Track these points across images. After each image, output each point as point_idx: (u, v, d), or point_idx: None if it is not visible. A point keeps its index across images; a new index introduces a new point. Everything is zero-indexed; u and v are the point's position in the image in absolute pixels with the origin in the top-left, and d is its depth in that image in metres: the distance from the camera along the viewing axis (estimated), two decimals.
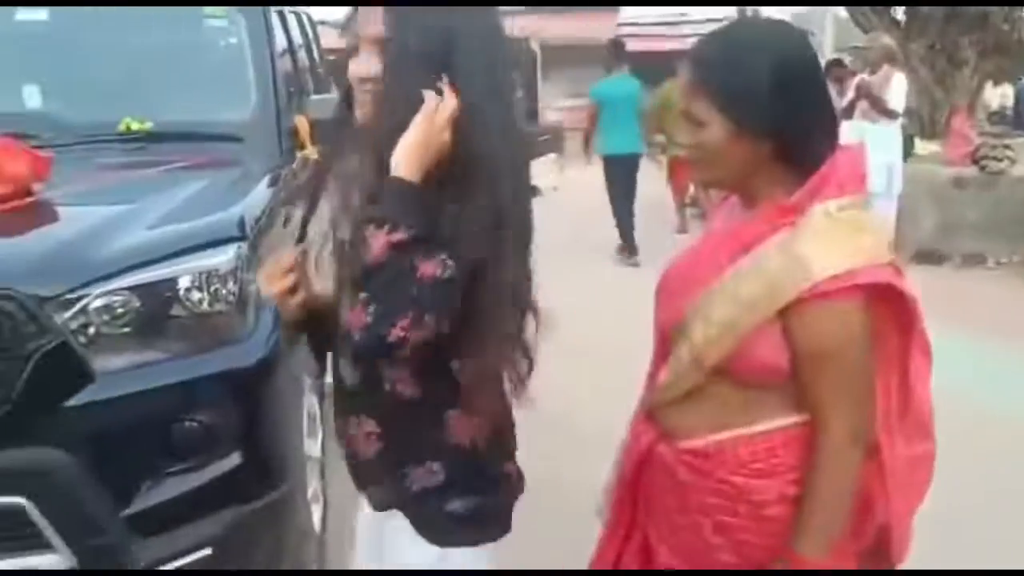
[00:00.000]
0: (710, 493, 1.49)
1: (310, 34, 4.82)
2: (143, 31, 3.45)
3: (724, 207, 1.61)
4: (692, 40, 1.62)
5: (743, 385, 1.44)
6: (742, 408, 1.45)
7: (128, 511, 2.12)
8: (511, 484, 1.53)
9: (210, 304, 2.25)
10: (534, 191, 6.16)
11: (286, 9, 4.86)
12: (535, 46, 19.53)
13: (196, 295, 2.23)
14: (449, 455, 1.43)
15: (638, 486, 1.64)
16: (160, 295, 2.19)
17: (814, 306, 1.34)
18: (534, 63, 19.48)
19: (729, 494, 1.47)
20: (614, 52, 8.28)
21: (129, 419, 2.14)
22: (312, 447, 2.90)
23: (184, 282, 2.22)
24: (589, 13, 19.82)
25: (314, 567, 2.72)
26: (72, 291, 2.08)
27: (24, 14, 3.35)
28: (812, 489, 1.41)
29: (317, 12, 5.44)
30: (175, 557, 2.17)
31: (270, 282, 1.51)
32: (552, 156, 13.98)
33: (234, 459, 2.25)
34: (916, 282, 1.45)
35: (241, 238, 2.39)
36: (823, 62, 14.26)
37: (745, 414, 1.45)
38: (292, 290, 1.50)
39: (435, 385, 1.40)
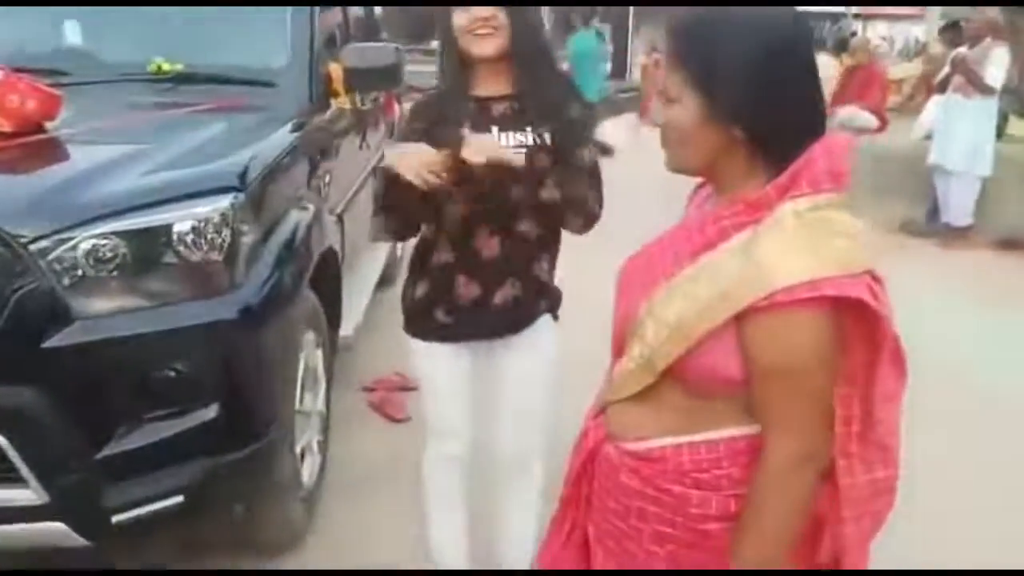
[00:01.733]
0: (649, 500, 1.41)
1: None
2: None
3: (701, 194, 1.49)
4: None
5: (694, 391, 1.34)
6: (690, 414, 1.36)
7: (102, 453, 2.15)
8: None
9: (199, 254, 2.24)
10: (607, 150, 6.16)
11: None
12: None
13: (185, 244, 2.22)
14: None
15: (582, 483, 1.57)
16: (148, 241, 2.19)
17: (770, 316, 1.21)
18: (625, 14, 19.00)
19: (668, 503, 1.39)
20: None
21: (108, 363, 2.15)
22: (311, 401, 2.90)
23: (173, 229, 2.20)
24: None
25: (299, 520, 2.74)
26: (59, 232, 2.08)
27: None
28: (751, 508, 1.32)
29: None
30: (146, 502, 2.20)
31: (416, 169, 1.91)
32: (630, 116, 13.65)
33: (212, 410, 2.25)
34: (996, 270, 1.28)
35: (239, 188, 2.37)
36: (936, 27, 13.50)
37: (692, 421, 1.36)
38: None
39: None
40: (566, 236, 2.22)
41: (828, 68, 8.25)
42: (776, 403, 1.26)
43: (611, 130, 12.66)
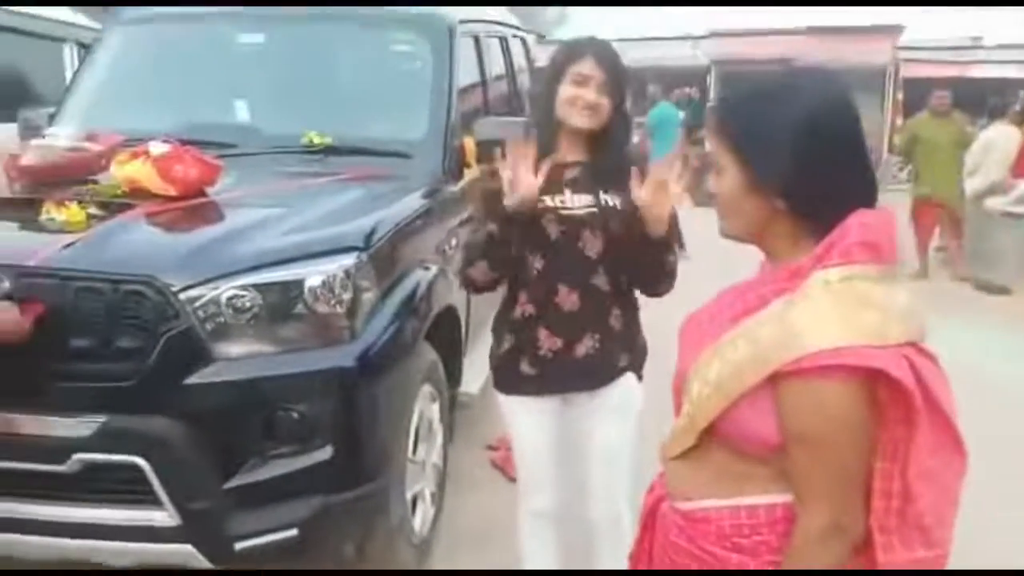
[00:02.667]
0: (695, 560, 1.44)
1: (515, 57, 5.05)
2: (339, 54, 3.82)
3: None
4: (982, 67, 1.54)
5: (737, 453, 1.38)
6: (733, 477, 1.39)
7: (229, 484, 2.38)
8: None
9: (324, 306, 2.46)
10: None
11: (510, 32, 5.16)
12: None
13: (313, 297, 2.45)
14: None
15: (644, 539, 1.62)
16: (280, 294, 2.43)
17: (799, 382, 1.25)
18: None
19: (710, 564, 1.41)
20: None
21: (240, 401, 2.40)
22: (425, 452, 3.06)
23: (305, 284, 2.45)
24: (863, 35, 18.69)
25: (409, 565, 2.87)
26: (205, 283, 2.37)
27: (246, 37, 3.82)
28: None
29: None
30: (264, 532, 2.40)
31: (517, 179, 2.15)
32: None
33: (327, 451, 2.44)
34: None
35: (362, 249, 2.60)
36: None
37: (735, 484, 1.39)
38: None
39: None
40: None
41: (1011, 140, 7.82)
42: (806, 471, 1.28)
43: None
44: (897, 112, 17.45)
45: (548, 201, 2.26)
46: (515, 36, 5.31)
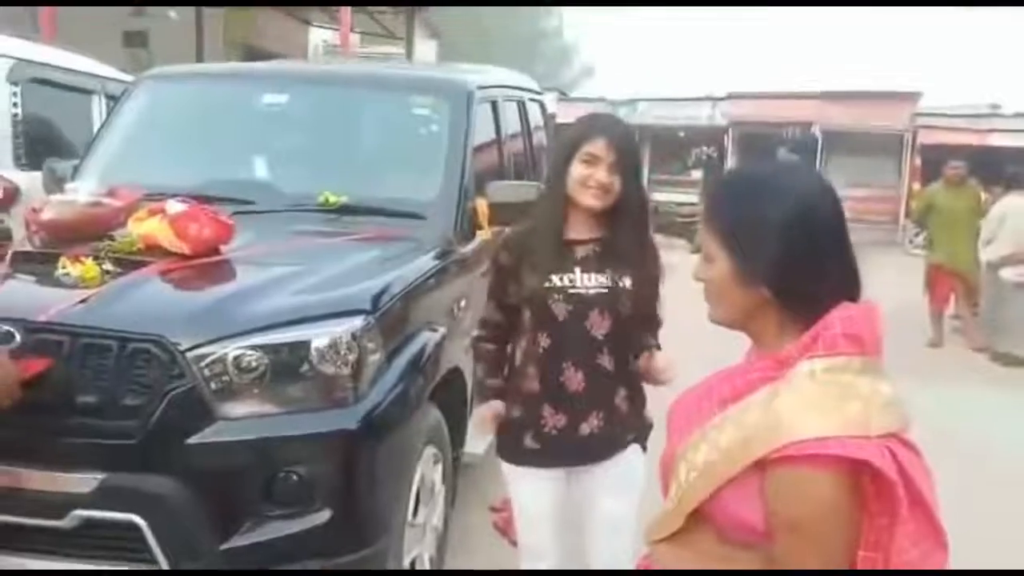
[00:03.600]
0: None
1: (532, 121, 5.12)
2: (360, 116, 3.90)
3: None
4: (1001, 136, 1.60)
5: (725, 539, 1.38)
6: (717, 561, 1.39)
7: (227, 545, 2.37)
8: None
9: (329, 368, 2.48)
10: None
11: (527, 96, 5.25)
12: (816, 131, 18.96)
13: (319, 358, 2.47)
14: None
15: None
16: (286, 355, 2.46)
17: (784, 469, 1.26)
18: (814, 148, 18.88)
19: None
20: None
21: (240, 462, 2.41)
22: (426, 515, 3.04)
23: (309, 346, 2.47)
24: (881, 100, 18.86)
25: None
26: (212, 343, 2.40)
27: (270, 97, 3.90)
28: None
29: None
30: None
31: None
32: None
33: (326, 514, 2.44)
34: None
35: (369, 311, 2.62)
36: None
37: (720, 568, 1.39)
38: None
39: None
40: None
41: None
42: (789, 558, 1.28)
43: None
44: (915, 177, 17.52)
45: (557, 280, 2.28)
46: (532, 100, 5.39)
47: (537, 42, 52.76)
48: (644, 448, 2.40)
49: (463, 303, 3.45)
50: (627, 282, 2.27)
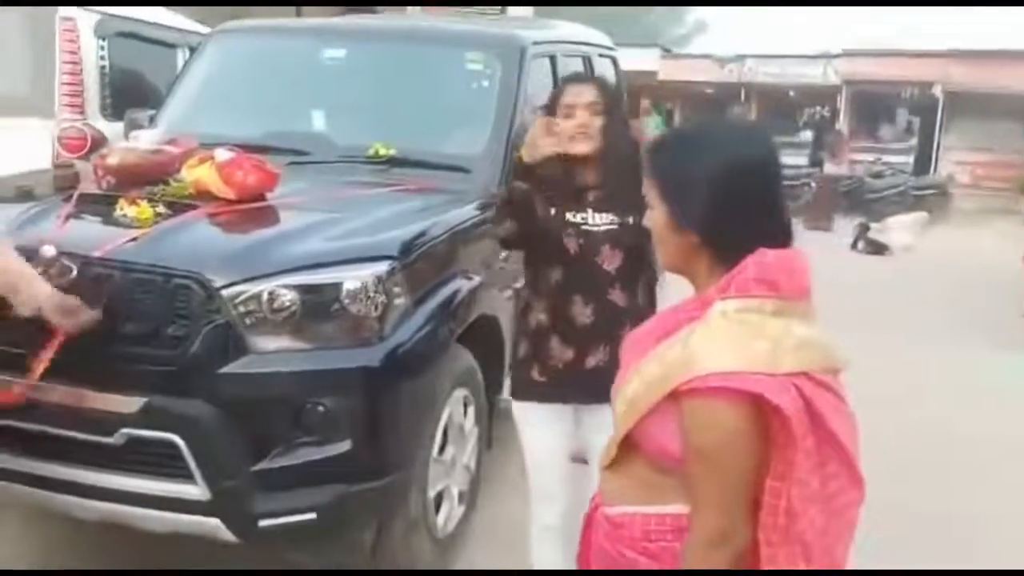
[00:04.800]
0: (611, 561, 1.56)
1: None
2: (414, 70, 4.02)
3: None
4: None
5: (653, 466, 1.49)
6: (649, 487, 1.50)
7: (257, 466, 2.58)
8: None
9: (356, 309, 2.64)
10: (881, 248, 6.20)
11: (595, 52, 5.25)
12: (938, 92, 18.02)
13: (346, 299, 2.63)
14: None
15: (584, 539, 1.72)
16: (315, 295, 2.62)
17: (693, 400, 1.36)
18: (934, 110, 17.98)
19: (623, 565, 1.53)
20: None
21: (270, 392, 2.60)
22: (455, 453, 3.19)
23: (337, 287, 2.63)
24: (1012, 60, 17.71)
25: (427, 559, 3.02)
26: (246, 281, 2.58)
27: (330, 52, 4.07)
28: None
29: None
30: (286, 513, 2.60)
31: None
32: (921, 215, 12.79)
33: (347, 444, 2.62)
34: None
35: (396, 257, 2.76)
36: None
37: (648, 493, 1.50)
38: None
39: None
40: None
41: None
42: (698, 482, 1.37)
43: (895, 228, 12.01)
44: None
45: (570, 217, 2.40)
46: (602, 56, 5.39)
47: None
48: None
49: (504, 255, 3.56)
50: (633, 219, 2.35)
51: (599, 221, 2.40)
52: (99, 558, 3.15)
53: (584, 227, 2.39)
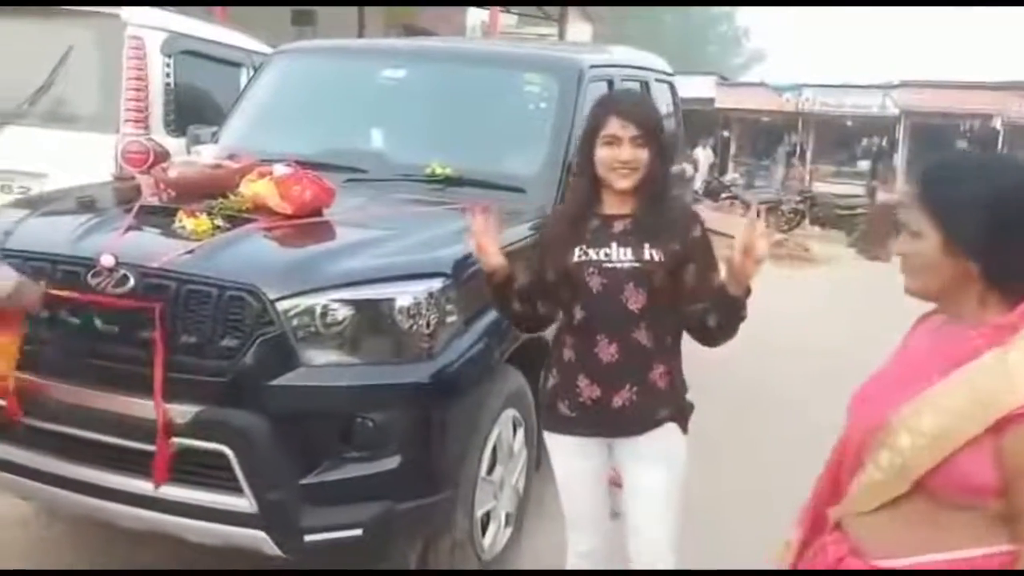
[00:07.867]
0: None
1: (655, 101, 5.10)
2: (473, 91, 4.04)
3: (922, 327, 1.64)
4: None
5: (942, 503, 1.44)
6: (943, 529, 1.45)
7: (305, 480, 2.57)
8: None
9: (407, 325, 2.64)
10: None
11: (652, 76, 5.24)
12: (998, 124, 17.65)
13: (397, 315, 2.63)
14: None
15: None
16: (367, 310, 2.63)
17: (1021, 426, 1.34)
18: (994, 142, 17.58)
19: None
20: None
21: (319, 406, 2.60)
22: (503, 474, 3.15)
23: (390, 303, 2.63)
24: None
25: None
26: (300, 295, 2.60)
27: (389, 72, 4.11)
28: None
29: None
30: (332, 529, 2.59)
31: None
32: None
33: (396, 460, 2.60)
34: None
35: (449, 275, 2.76)
36: None
37: (948, 537, 1.44)
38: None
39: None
40: None
41: None
42: None
43: None
44: None
45: (593, 254, 2.32)
46: (659, 80, 5.37)
47: (709, 27, 51.58)
48: (685, 430, 2.40)
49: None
50: (658, 256, 2.28)
51: (623, 258, 2.29)
52: (99, 558, 3.18)
53: (606, 264, 2.30)
